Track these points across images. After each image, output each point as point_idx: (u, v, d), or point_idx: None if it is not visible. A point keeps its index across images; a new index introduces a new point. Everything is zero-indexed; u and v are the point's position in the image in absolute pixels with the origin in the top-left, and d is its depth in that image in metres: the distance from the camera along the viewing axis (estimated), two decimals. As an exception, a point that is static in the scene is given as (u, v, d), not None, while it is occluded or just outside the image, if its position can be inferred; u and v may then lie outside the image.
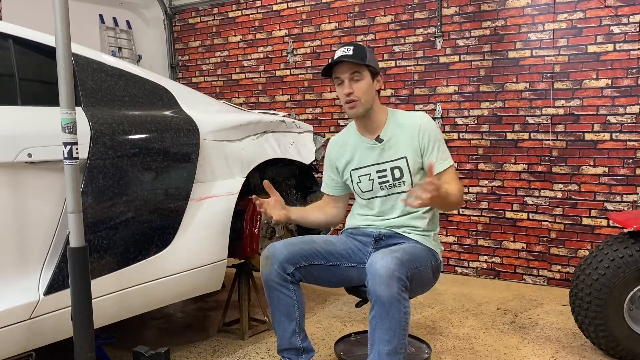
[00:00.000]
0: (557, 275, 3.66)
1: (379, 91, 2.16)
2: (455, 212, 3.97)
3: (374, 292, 1.79)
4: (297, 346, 2.12)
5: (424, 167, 2.09)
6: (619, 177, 3.42)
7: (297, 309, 2.09)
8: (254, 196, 2.21)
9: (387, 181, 2.14)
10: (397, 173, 2.12)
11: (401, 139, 2.11)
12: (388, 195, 2.15)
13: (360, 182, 2.19)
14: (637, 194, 3.38)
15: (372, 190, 2.17)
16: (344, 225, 2.34)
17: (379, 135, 2.14)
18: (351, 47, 2.05)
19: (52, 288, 1.87)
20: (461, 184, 2.10)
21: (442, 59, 3.92)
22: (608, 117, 3.42)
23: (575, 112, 3.52)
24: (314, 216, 2.32)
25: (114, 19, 5.05)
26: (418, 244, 2.08)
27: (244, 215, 2.63)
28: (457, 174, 2.11)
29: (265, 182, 2.14)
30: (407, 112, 2.21)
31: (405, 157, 2.10)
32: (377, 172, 2.15)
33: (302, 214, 2.32)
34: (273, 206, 2.14)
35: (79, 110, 1.95)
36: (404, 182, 2.12)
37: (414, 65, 4.03)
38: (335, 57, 2.05)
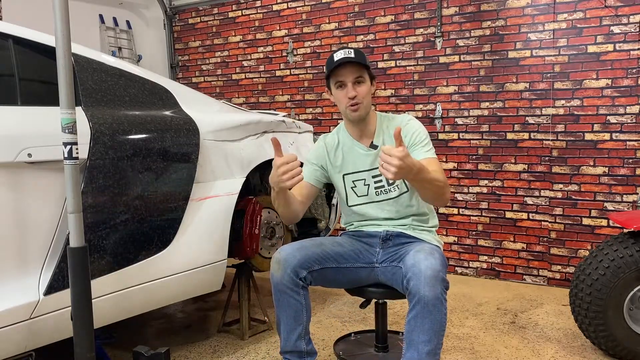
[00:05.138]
0: (557, 275, 3.66)
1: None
2: (455, 212, 3.97)
3: (417, 292, 1.76)
4: (302, 349, 2.09)
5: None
6: (619, 177, 3.42)
7: (304, 313, 2.05)
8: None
9: (383, 186, 2.15)
10: None
11: (390, 143, 2.08)
12: (384, 200, 2.16)
13: (355, 186, 2.17)
14: (637, 194, 3.38)
15: (367, 195, 2.17)
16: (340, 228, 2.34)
17: (372, 142, 2.14)
18: (352, 50, 2.04)
19: (52, 288, 1.87)
20: (445, 176, 2.05)
21: (442, 59, 3.92)
22: (608, 117, 3.42)
23: (575, 112, 3.52)
24: (294, 204, 2.12)
25: (114, 19, 5.05)
26: (428, 243, 2.07)
27: (244, 215, 2.63)
28: (441, 167, 2.09)
29: (273, 139, 1.93)
30: (391, 116, 2.20)
31: None
32: (373, 177, 2.14)
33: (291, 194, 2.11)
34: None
35: (79, 110, 1.94)
36: (398, 185, 2.13)
37: (414, 65, 4.03)
38: (337, 59, 2.02)
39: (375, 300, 2.27)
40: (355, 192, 2.19)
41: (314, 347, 2.15)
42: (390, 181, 2.12)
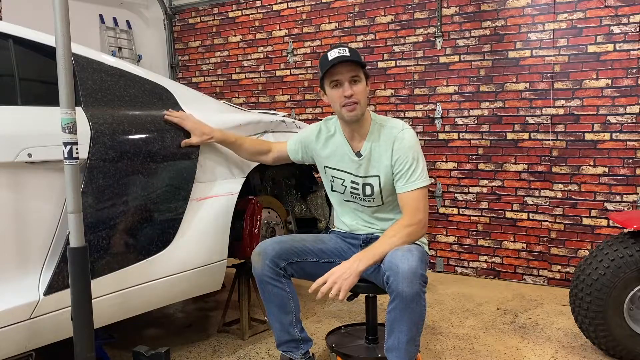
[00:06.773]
0: (557, 275, 3.66)
1: None
2: (455, 212, 3.97)
3: (395, 288, 1.82)
4: (296, 337, 2.16)
5: (395, 186, 2.10)
6: (619, 177, 3.42)
7: (291, 301, 2.14)
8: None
9: (358, 194, 2.17)
10: (367, 190, 2.14)
11: (376, 154, 2.10)
12: (356, 203, 2.20)
13: (334, 181, 2.23)
14: (637, 194, 3.38)
15: (343, 194, 2.22)
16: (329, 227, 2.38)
17: (359, 150, 2.13)
18: (346, 48, 2.02)
19: (52, 288, 1.87)
20: (422, 213, 2.03)
21: (442, 59, 3.92)
22: (608, 117, 3.42)
23: (575, 112, 3.52)
24: (248, 150, 2.44)
25: (114, 19, 5.05)
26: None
27: (244, 215, 2.63)
28: (424, 199, 2.07)
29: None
30: (386, 121, 2.15)
31: (379, 177, 2.10)
32: (351, 182, 2.17)
33: (232, 140, 2.41)
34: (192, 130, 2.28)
35: (79, 110, 1.94)
36: (373, 199, 2.14)
37: (414, 65, 4.03)
38: (332, 57, 1.99)
39: (366, 294, 2.31)
40: (332, 185, 2.25)
41: (308, 335, 2.20)
42: (367, 193, 2.14)
